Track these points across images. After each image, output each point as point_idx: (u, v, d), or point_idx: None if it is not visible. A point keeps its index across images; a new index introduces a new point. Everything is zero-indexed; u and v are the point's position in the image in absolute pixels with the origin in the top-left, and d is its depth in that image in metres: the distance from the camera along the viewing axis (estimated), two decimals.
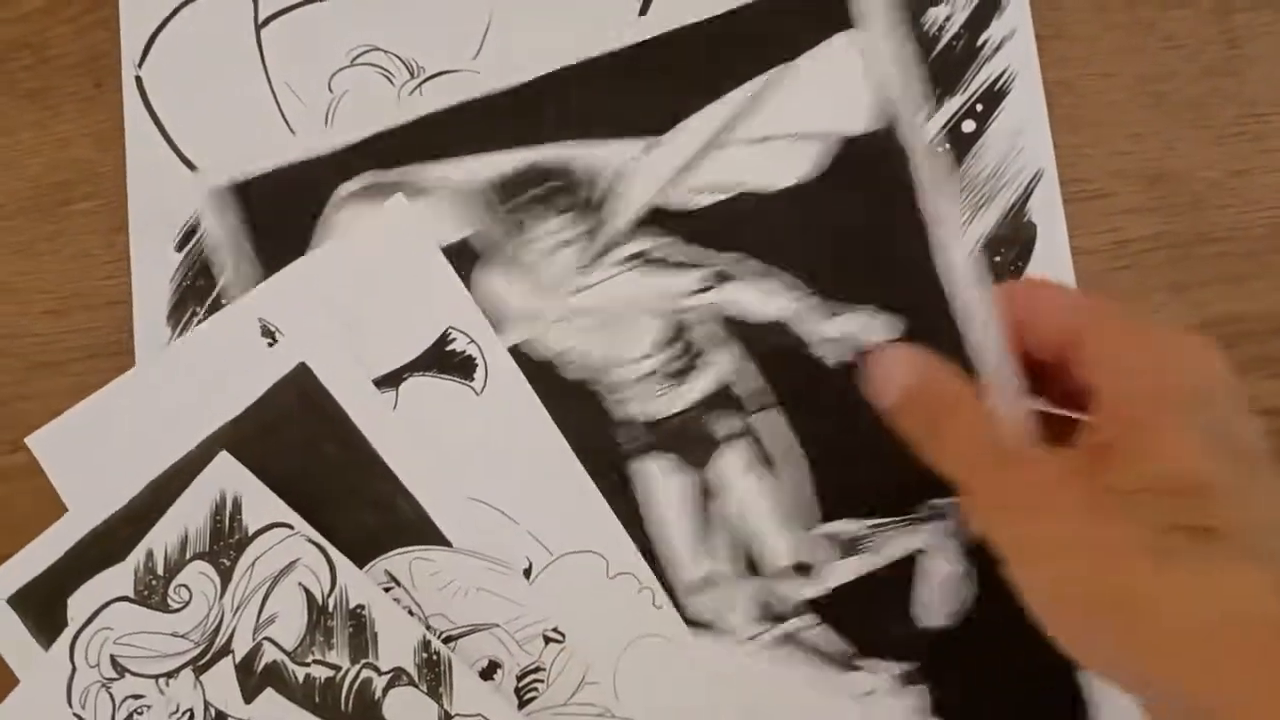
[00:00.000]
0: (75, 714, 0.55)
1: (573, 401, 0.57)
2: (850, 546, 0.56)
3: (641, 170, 0.57)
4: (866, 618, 0.56)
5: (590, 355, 0.56)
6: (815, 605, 0.56)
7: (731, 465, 0.56)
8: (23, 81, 0.63)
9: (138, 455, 0.57)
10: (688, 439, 0.57)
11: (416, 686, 0.54)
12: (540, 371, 0.57)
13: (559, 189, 0.57)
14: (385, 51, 0.61)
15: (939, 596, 0.56)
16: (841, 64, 0.56)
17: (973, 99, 0.59)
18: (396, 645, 0.55)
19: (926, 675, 0.56)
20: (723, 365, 0.56)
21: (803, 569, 0.56)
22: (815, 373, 0.56)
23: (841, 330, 0.55)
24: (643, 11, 0.60)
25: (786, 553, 0.56)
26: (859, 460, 0.56)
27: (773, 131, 0.56)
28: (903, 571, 0.56)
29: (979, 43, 0.59)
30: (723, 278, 0.56)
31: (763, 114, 0.56)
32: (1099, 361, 0.47)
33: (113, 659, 0.55)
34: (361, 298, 0.58)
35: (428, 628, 0.55)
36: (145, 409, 0.58)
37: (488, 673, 0.55)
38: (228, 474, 0.56)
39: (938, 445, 0.49)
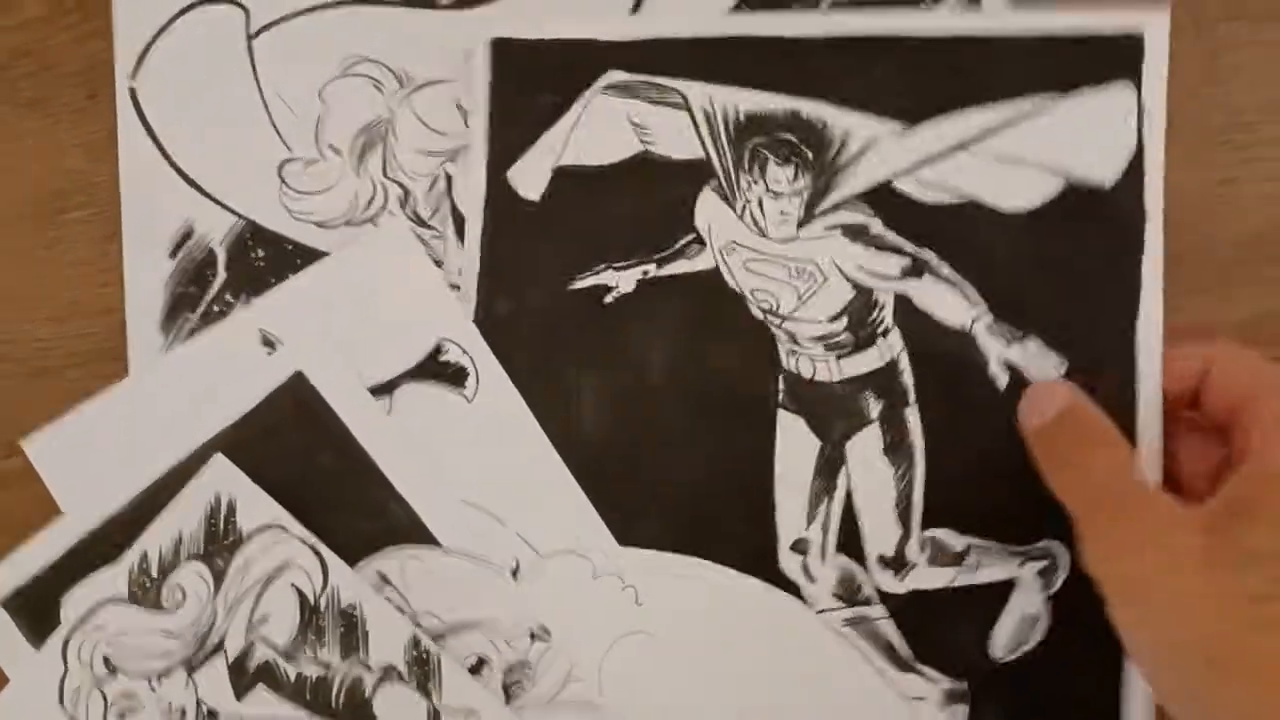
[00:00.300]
0: (67, 713, 0.56)
1: (747, 337, 0.58)
2: (946, 556, 0.57)
3: (886, 150, 0.57)
4: (934, 627, 0.57)
5: (777, 301, 0.58)
6: (892, 599, 0.57)
7: (867, 445, 0.58)
8: (23, 90, 0.64)
9: (135, 459, 0.59)
10: (838, 407, 0.58)
11: (406, 683, 0.56)
12: (727, 301, 0.58)
13: (802, 142, 0.58)
14: (375, 62, 0.63)
15: (1015, 631, 0.57)
16: (1110, 113, 0.56)
17: None
18: (387, 643, 0.56)
19: (970, 699, 0.57)
20: (893, 350, 0.57)
21: (894, 563, 0.57)
22: (973, 387, 0.57)
23: (1013, 357, 0.57)
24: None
25: (884, 542, 0.57)
26: (983, 479, 0.57)
27: (1021, 155, 0.56)
28: (981, 595, 0.57)
29: None
30: (921, 271, 0.57)
31: (1018, 135, 0.57)
32: (1261, 423, 0.49)
33: (105, 659, 0.56)
34: (359, 310, 0.60)
35: (418, 626, 0.56)
36: (143, 414, 0.59)
37: (476, 669, 0.57)
38: (223, 477, 0.57)
39: (1074, 474, 0.51)
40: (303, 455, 0.58)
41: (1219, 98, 0.61)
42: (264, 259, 0.62)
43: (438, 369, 0.59)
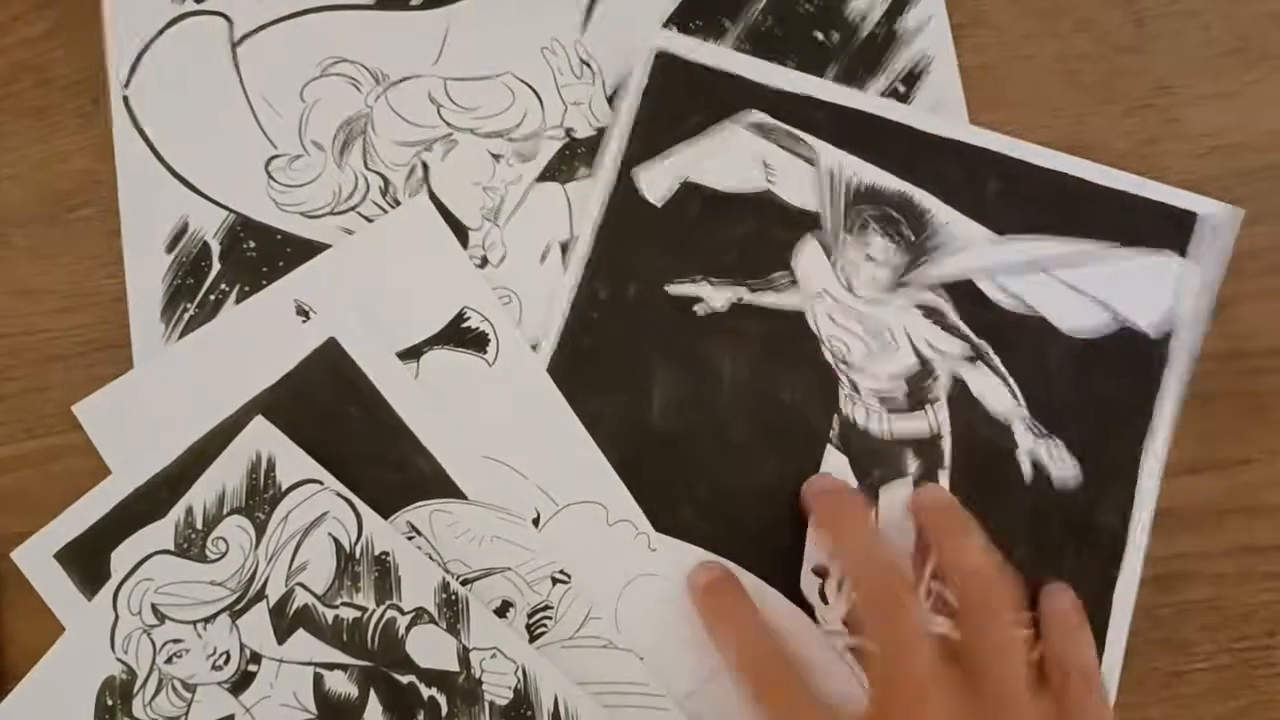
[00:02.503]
0: (118, 658, 0.59)
1: (815, 376, 0.63)
2: (946, 609, 0.59)
3: (976, 251, 0.64)
4: None
5: (849, 352, 0.63)
6: None
7: (897, 495, 0.62)
8: (28, 101, 0.67)
9: (179, 421, 0.61)
10: (880, 457, 0.63)
11: (437, 624, 0.59)
12: (804, 340, 0.63)
13: (906, 222, 0.64)
14: (352, 62, 0.66)
15: None
16: (1163, 273, 0.63)
17: (894, 80, 0.66)
18: (418, 587, 0.59)
19: None
20: (939, 420, 0.63)
21: None
22: (1000, 469, 0.62)
23: (1039, 453, 0.62)
24: (586, 18, 0.67)
25: None
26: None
27: (1083, 287, 0.63)
28: None
29: (896, 30, 0.67)
30: (976, 359, 0.63)
31: (1085, 270, 0.63)
32: None
33: (153, 607, 0.59)
34: (387, 281, 0.63)
35: (446, 572, 0.60)
36: (186, 380, 0.62)
37: (501, 611, 0.60)
38: (263, 436, 0.61)
39: None
40: (336, 415, 0.61)
41: (1142, 65, 0.66)
42: (255, 249, 0.65)
43: (461, 335, 0.63)
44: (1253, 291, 0.64)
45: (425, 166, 0.65)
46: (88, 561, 0.60)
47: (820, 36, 0.66)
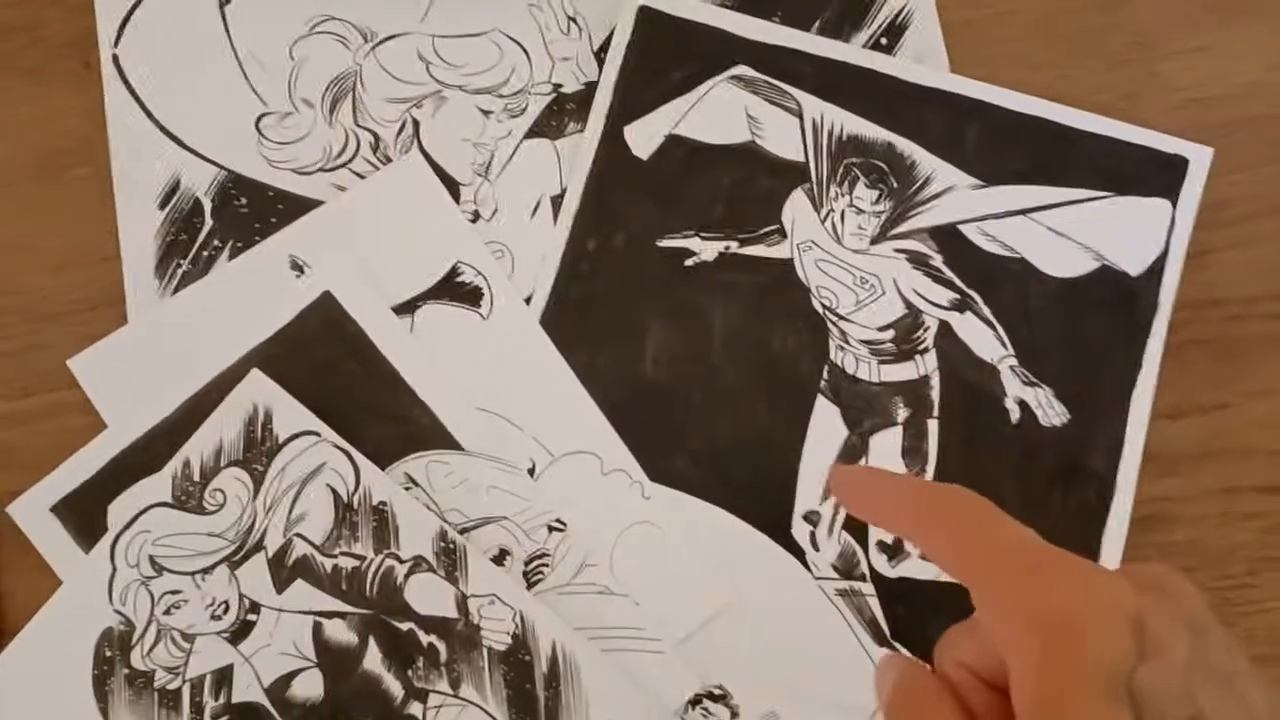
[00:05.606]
0: (116, 610, 0.59)
1: (805, 325, 0.64)
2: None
3: (961, 199, 0.64)
4: (914, 612, 0.62)
5: (837, 300, 0.64)
6: (883, 581, 0.62)
7: (888, 443, 0.63)
8: (20, 62, 0.67)
9: (175, 375, 0.62)
10: (870, 405, 0.63)
11: (435, 572, 0.60)
12: (794, 289, 0.64)
13: (892, 172, 0.65)
14: (340, 20, 0.67)
15: None
16: (1149, 219, 0.64)
17: (877, 33, 0.67)
18: (416, 536, 0.60)
19: None
20: (927, 367, 0.63)
21: (890, 550, 0.62)
22: (989, 413, 0.63)
23: (1027, 398, 0.63)
24: None
25: (885, 530, 0.62)
26: (981, 492, 0.60)
27: (1069, 231, 0.64)
28: (960, 592, 0.61)
29: None
30: (965, 308, 0.64)
31: (1071, 215, 0.64)
32: None
33: (151, 559, 0.60)
34: (381, 236, 0.64)
35: (444, 521, 0.60)
36: (182, 334, 0.63)
37: (499, 559, 0.61)
38: (260, 388, 0.61)
39: None
40: (332, 368, 0.62)
41: (1121, 20, 0.67)
42: (247, 206, 0.65)
43: (455, 289, 0.64)
44: (1228, 240, 0.65)
45: (415, 123, 0.66)
46: (85, 514, 0.61)
47: None
